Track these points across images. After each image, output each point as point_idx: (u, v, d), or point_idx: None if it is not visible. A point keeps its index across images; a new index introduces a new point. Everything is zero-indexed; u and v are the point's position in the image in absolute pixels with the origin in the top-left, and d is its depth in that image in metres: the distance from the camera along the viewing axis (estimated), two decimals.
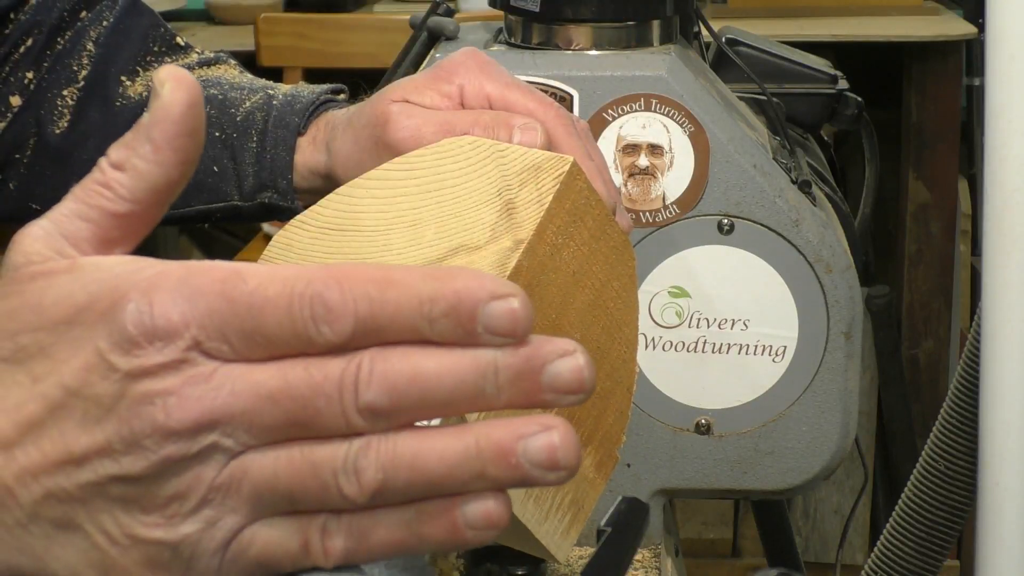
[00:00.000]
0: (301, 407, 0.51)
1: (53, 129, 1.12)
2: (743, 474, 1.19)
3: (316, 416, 0.51)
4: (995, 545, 1.10)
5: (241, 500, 0.52)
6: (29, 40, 1.13)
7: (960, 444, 1.20)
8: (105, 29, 1.13)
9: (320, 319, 0.51)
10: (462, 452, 0.51)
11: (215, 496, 0.52)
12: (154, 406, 0.51)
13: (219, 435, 0.51)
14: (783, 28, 2.73)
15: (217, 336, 0.51)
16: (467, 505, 0.52)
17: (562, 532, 0.84)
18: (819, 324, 1.16)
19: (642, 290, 1.15)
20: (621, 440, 0.88)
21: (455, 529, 0.52)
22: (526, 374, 0.51)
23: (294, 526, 0.53)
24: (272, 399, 0.51)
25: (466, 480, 0.51)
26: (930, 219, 2.86)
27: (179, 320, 0.51)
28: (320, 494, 0.51)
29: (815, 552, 2.96)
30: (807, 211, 1.16)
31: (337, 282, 0.51)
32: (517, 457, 0.51)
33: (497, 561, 1.16)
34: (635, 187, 1.15)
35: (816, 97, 1.39)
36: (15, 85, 1.13)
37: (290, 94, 1.10)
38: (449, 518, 0.52)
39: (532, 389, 0.52)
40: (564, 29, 1.16)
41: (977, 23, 2.75)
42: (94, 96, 1.12)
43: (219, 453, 0.52)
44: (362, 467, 0.51)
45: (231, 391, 0.51)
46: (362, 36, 2.77)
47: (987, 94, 1.06)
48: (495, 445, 0.51)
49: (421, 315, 0.51)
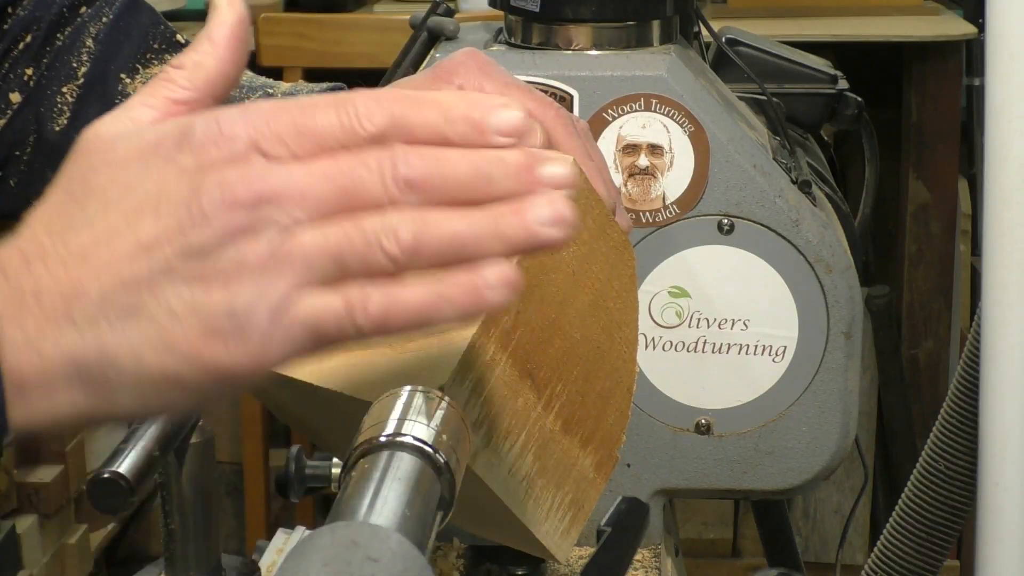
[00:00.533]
0: (348, 180, 0.60)
1: (53, 127, 1.12)
2: (743, 474, 1.19)
3: (361, 188, 0.60)
4: (995, 545, 1.10)
5: (293, 268, 0.60)
6: (28, 36, 1.13)
7: (960, 444, 1.20)
8: (105, 26, 1.13)
9: (362, 115, 0.61)
10: (482, 215, 0.61)
11: (271, 264, 0.60)
12: (221, 186, 0.60)
13: (276, 210, 0.60)
14: (783, 28, 2.73)
15: (274, 138, 0.61)
16: (486, 269, 0.60)
17: (562, 532, 0.84)
18: (819, 324, 1.16)
19: (642, 290, 1.15)
20: (621, 440, 0.88)
21: (475, 289, 0.61)
22: (526, 167, 0.62)
23: (338, 291, 0.60)
24: (324, 175, 0.60)
25: (485, 239, 0.61)
26: (930, 219, 2.86)
27: (241, 127, 0.61)
28: (364, 252, 0.60)
29: (815, 552, 2.96)
30: (807, 211, 1.16)
31: (372, 95, 0.62)
32: (525, 216, 0.61)
33: (497, 561, 1.16)
34: (635, 187, 1.15)
35: (816, 97, 1.39)
36: (15, 82, 1.13)
37: (289, 93, 1.10)
38: (470, 280, 0.61)
39: (531, 180, 0.62)
40: (564, 29, 1.16)
41: (977, 23, 2.75)
42: (94, 94, 1.12)
43: (275, 226, 0.60)
44: (399, 227, 0.60)
45: (288, 174, 0.60)
46: (362, 36, 2.77)
47: (987, 94, 1.06)
48: (509, 208, 0.61)
49: (443, 118, 0.62)
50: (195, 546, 0.89)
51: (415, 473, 0.66)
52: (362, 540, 0.61)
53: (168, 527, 0.90)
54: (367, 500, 0.64)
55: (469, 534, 1.16)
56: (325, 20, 2.84)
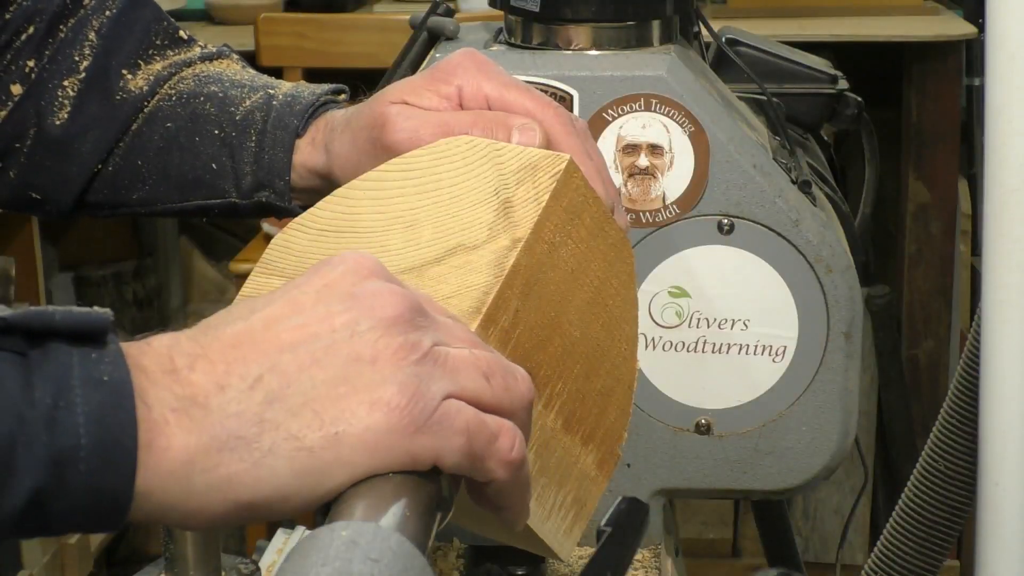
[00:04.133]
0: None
1: (53, 120, 1.11)
2: (743, 474, 1.19)
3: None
4: (995, 545, 1.10)
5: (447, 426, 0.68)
6: (31, 27, 1.13)
7: (960, 444, 1.20)
8: (108, 20, 1.13)
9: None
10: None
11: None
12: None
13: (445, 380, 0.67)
14: (783, 28, 2.73)
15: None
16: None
17: (565, 530, 0.84)
18: (819, 324, 1.16)
19: (642, 290, 1.15)
20: (623, 438, 0.88)
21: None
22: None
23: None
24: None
25: None
26: (930, 219, 2.86)
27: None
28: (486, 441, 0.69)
29: (815, 552, 2.96)
30: (807, 211, 1.16)
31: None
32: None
33: (497, 561, 1.16)
34: (635, 187, 1.15)
35: (816, 97, 1.39)
36: (16, 73, 1.13)
37: (290, 94, 1.10)
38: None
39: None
40: (564, 29, 1.16)
41: (977, 23, 2.75)
42: (94, 88, 1.12)
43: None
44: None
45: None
46: (362, 36, 2.77)
47: (987, 94, 1.06)
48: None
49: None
50: (195, 546, 0.89)
51: (415, 473, 0.66)
52: (362, 540, 0.61)
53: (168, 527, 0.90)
54: (367, 500, 0.64)
55: (469, 534, 1.16)
56: (325, 20, 2.84)
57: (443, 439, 0.66)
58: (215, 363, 0.65)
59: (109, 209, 1.14)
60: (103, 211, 1.15)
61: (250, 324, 0.66)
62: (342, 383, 0.65)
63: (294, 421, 0.65)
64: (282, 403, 0.65)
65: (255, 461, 0.64)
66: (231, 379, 0.64)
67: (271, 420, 0.64)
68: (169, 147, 1.10)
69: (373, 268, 0.69)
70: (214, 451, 0.64)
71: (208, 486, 0.64)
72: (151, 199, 1.12)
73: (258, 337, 0.66)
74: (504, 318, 0.78)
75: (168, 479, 0.63)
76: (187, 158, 1.10)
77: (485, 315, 0.76)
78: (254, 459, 0.64)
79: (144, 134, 1.11)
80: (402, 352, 0.66)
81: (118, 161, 1.12)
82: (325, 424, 0.65)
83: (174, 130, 1.10)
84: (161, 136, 1.11)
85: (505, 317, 0.78)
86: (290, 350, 0.65)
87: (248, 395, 0.64)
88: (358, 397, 0.65)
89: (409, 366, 0.66)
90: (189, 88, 1.12)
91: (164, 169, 1.11)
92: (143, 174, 1.11)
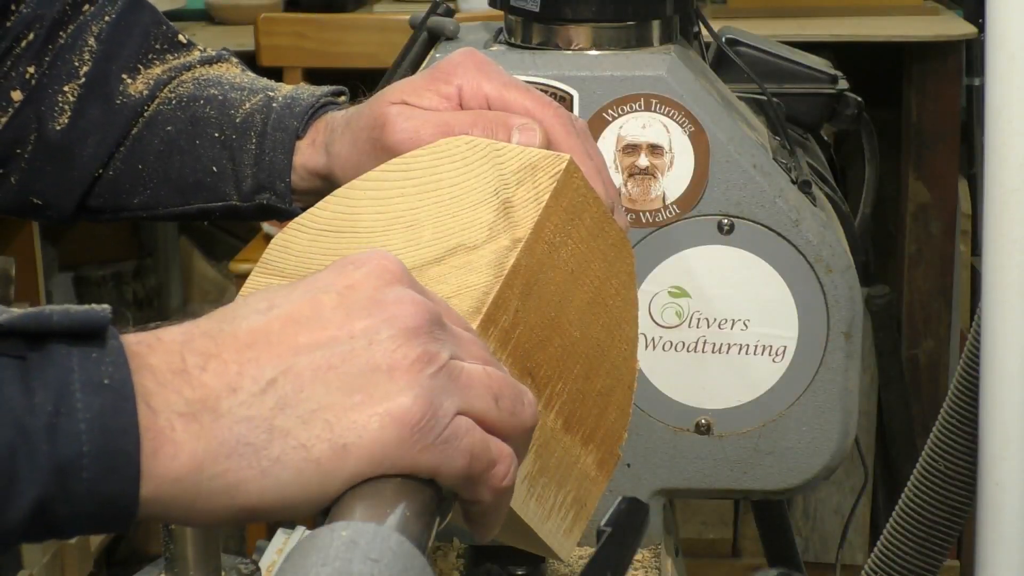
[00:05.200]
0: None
1: (53, 125, 1.11)
2: (743, 474, 1.19)
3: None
4: (995, 545, 1.10)
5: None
6: (31, 34, 1.13)
7: (960, 444, 1.20)
8: (107, 25, 1.13)
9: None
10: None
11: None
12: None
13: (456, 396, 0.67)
14: (783, 28, 2.73)
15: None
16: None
17: (565, 530, 0.84)
18: (819, 324, 1.16)
19: (642, 290, 1.15)
20: (623, 437, 0.88)
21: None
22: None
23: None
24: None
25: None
26: (930, 219, 2.86)
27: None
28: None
29: (815, 552, 2.96)
30: (807, 211, 1.16)
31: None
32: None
33: (497, 561, 1.16)
34: (635, 187, 1.15)
35: (816, 97, 1.39)
36: (16, 80, 1.13)
37: (290, 96, 1.10)
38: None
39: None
40: (564, 29, 1.16)
41: (977, 23, 2.75)
42: (95, 93, 1.12)
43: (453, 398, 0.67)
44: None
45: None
46: (362, 36, 2.77)
47: (987, 94, 1.06)
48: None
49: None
50: (195, 546, 0.89)
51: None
52: (362, 540, 0.61)
53: (168, 527, 0.90)
54: (368, 501, 0.64)
55: (469, 534, 1.16)
56: (325, 20, 2.84)
57: (447, 458, 0.66)
58: (228, 364, 0.64)
59: (110, 214, 1.14)
60: (104, 215, 1.15)
61: (268, 321, 0.66)
62: (357, 391, 0.65)
63: (304, 430, 0.64)
64: (293, 409, 0.64)
65: (263, 469, 0.64)
66: (243, 381, 0.64)
67: (281, 428, 0.64)
68: (169, 151, 1.10)
69: (397, 273, 0.68)
70: (222, 457, 0.63)
71: (214, 490, 0.63)
72: (152, 203, 1.12)
73: (274, 338, 0.65)
74: (504, 318, 0.78)
75: (175, 485, 0.63)
76: (188, 161, 1.10)
77: (485, 315, 0.76)
78: (262, 467, 0.64)
79: (144, 138, 1.11)
80: (419, 364, 0.66)
81: (119, 165, 1.12)
82: (335, 435, 0.64)
83: (174, 134, 1.10)
84: (161, 140, 1.11)
85: (505, 317, 0.78)
86: (306, 353, 0.65)
87: (259, 399, 0.64)
88: (372, 408, 0.65)
89: (425, 379, 0.65)
90: (189, 92, 1.12)
91: (165, 173, 1.11)
92: (144, 178, 1.11)
